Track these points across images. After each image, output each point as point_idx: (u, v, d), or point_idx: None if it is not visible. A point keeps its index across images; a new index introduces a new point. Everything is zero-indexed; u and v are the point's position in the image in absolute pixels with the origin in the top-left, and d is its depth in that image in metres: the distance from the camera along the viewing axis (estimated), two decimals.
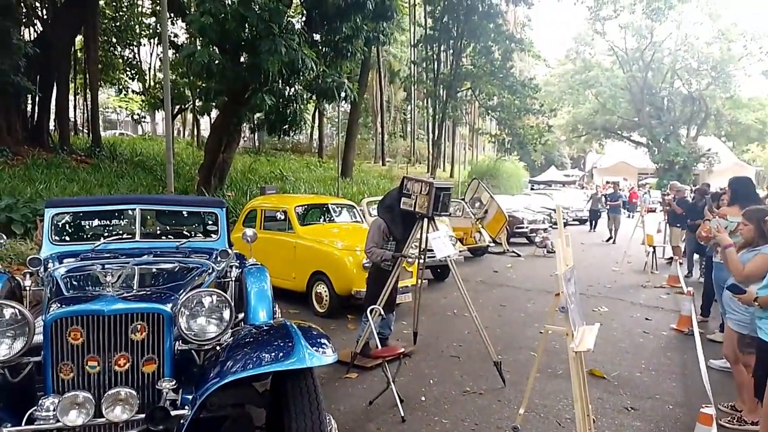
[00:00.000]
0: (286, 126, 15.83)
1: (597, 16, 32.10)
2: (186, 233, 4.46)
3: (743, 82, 37.44)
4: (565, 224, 20.82)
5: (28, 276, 3.77)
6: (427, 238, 5.11)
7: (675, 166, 35.70)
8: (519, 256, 13.47)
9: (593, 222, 19.84)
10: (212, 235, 4.41)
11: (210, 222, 4.50)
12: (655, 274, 10.53)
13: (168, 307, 2.59)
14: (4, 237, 3.85)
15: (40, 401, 2.28)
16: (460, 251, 10.36)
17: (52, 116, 21.19)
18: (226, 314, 2.66)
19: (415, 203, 4.88)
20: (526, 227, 15.81)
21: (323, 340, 2.67)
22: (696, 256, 10.08)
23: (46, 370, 2.40)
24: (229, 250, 4.14)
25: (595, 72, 38.76)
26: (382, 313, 4.90)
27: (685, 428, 3.95)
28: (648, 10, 28.35)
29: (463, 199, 13.89)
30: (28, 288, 3.69)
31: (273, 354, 2.50)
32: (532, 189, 32.15)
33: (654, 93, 37.96)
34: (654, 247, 10.92)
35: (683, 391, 4.79)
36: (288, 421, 2.46)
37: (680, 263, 9.89)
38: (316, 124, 33.80)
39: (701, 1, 33.11)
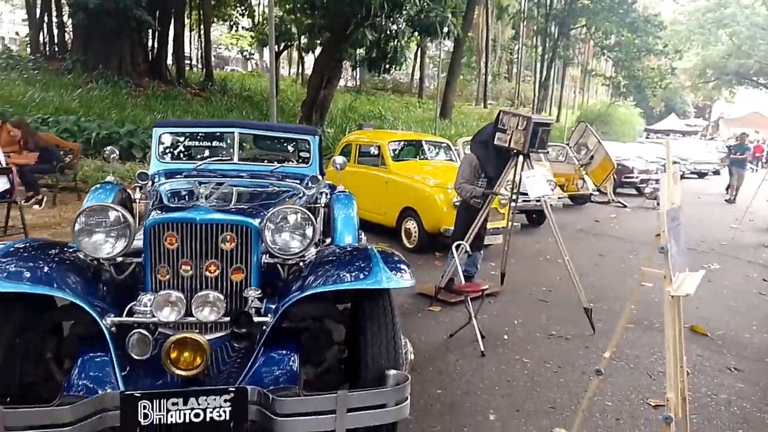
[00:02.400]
0: (387, 63, 15.68)
1: None
2: (280, 159, 4.57)
3: None
4: (682, 176, 19.25)
5: (138, 189, 4.08)
6: (521, 176, 4.90)
7: None
8: (625, 206, 12.68)
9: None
10: (305, 162, 4.50)
11: (303, 149, 4.58)
12: None
13: (256, 222, 2.67)
14: (116, 151, 4.16)
15: (138, 297, 2.48)
16: (559, 197, 9.92)
17: (170, 51, 22.42)
18: (309, 231, 2.71)
19: (511, 139, 4.66)
20: (636, 177, 14.76)
21: (402, 266, 2.65)
22: None
23: (145, 270, 2.60)
24: (320, 177, 4.20)
25: (731, 9, 34.39)
26: (469, 250, 4.82)
27: None
28: None
29: (567, 144, 13.17)
30: (137, 200, 4.01)
31: (352, 273, 2.52)
32: (647, 137, 29.79)
33: None
34: None
35: None
36: (363, 338, 2.49)
37: None
38: (418, 63, 33.18)
39: None
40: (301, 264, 2.76)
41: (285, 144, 4.82)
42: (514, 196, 5.29)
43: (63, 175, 8.02)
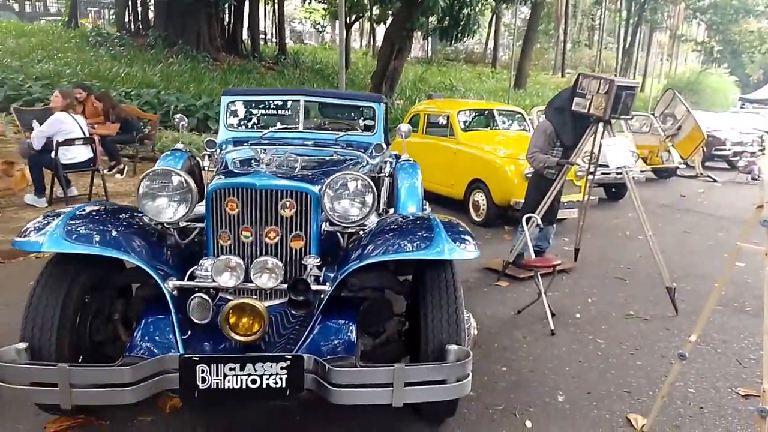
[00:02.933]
0: (459, 31, 15.24)
1: None
2: (345, 127, 4.50)
3: None
4: None
5: (207, 157, 4.14)
6: (600, 145, 4.57)
7: None
8: (715, 181, 11.76)
9: None
10: (370, 130, 4.39)
11: (368, 117, 4.48)
12: None
13: (316, 189, 2.61)
14: (185, 118, 4.22)
15: (200, 261, 2.49)
16: (641, 170, 9.31)
17: (245, 26, 22.86)
18: (369, 199, 2.62)
19: (590, 104, 4.33)
20: (728, 150, 13.62)
21: (466, 237, 2.51)
22: None
23: (208, 235, 2.60)
24: (384, 146, 4.09)
25: None
26: (540, 223, 4.57)
27: None
28: None
29: (653, 114, 12.31)
30: (206, 168, 4.06)
31: (413, 243, 2.41)
32: (741, 107, 27.44)
33: None
34: None
35: None
36: (424, 311, 2.39)
37: None
38: (492, 32, 32.06)
39: None
40: (361, 233, 2.69)
41: (350, 112, 4.74)
42: (591, 167, 4.96)
43: (142, 146, 8.37)
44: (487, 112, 8.18)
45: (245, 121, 4.39)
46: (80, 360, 2.41)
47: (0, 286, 4.14)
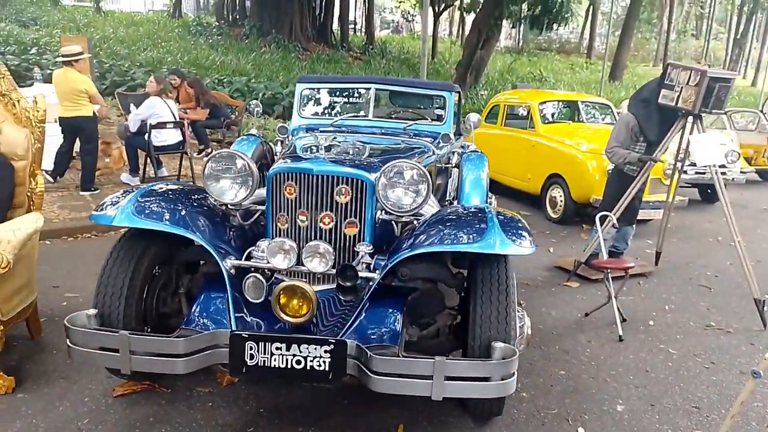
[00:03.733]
0: (550, 20, 14.70)
1: None
2: (415, 116, 4.47)
3: None
4: None
5: (279, 143, 4.27)
6: (688, 142, 4.25)
7: None
8: None
9: None
10: (440, 119, 4.34)
11: (439, 106, 4.43)
12: None
13: (372, 177, 2.62)
14: (260, 104, 4.36)
15: (258, 243, 2.58)
16: (743, 171, 8.54)
17: (335, 16, 23.27)
18: (423, 188, 2.58)
19: (679, 96, 4.02)
20: None
21: (522, 232, 2.43)
22: None
23: (267, 218, 2.70)
24: (452, 136, 4.02)
25: None
26: (616, 223, 4.32)
27: None
28: None
29: (761, 110, 11.25)
30: (278, 154, 4.19)
31: (464, 236, 2.37)
32: None
33: None
34: None
35: None
36: (473, 306, 2.35)
37: None
38: (588, 21, 30.57)
39: None
40: (416, 222, 2.67)
41: (421, 101, 4.71)
42: (679, 166, 4.62)
43: (229, 131, 8.79)
44: (572, 104, 7.83)
45: (318, 109, 4.49)
46: (148, 329, 2.58)
47: (96, 258, 4.51)
